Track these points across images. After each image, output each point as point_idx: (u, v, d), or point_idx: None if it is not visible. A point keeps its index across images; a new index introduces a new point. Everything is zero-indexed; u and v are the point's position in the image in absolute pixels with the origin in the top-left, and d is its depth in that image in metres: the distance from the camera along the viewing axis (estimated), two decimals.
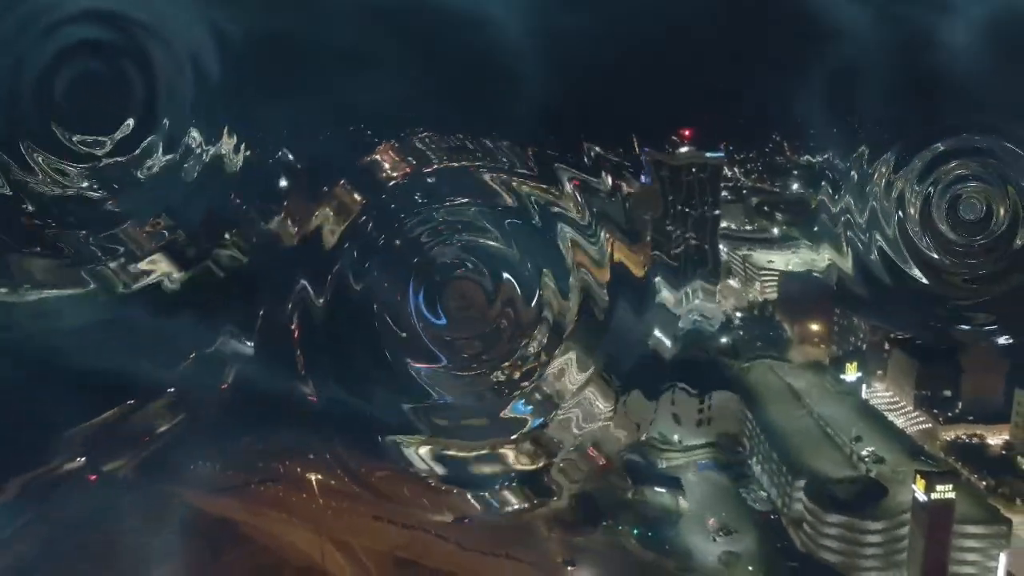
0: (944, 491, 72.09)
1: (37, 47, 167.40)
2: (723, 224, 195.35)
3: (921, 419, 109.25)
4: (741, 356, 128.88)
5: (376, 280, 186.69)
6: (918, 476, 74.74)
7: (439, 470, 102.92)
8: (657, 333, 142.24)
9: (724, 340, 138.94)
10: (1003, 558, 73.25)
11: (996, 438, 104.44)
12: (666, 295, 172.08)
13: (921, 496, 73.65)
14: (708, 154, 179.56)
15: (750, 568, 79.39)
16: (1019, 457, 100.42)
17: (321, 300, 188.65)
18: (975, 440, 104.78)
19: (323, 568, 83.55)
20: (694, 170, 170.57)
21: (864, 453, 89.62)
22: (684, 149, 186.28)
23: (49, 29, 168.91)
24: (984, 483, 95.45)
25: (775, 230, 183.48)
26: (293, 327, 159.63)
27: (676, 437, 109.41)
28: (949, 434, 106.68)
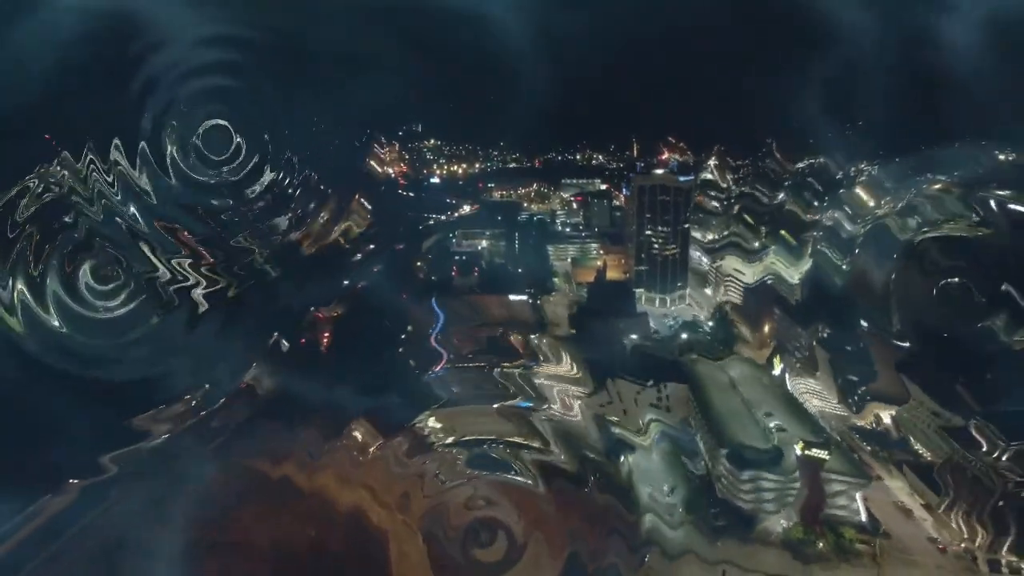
0: (816, 453, 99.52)
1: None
2: (708, 235, 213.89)
3: (836, 404, 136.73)
4: (696, 353, 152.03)
5: (384, 282, 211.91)
6: (802, 443, 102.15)
7: (449, 439, 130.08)
8: (631, 332, 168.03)
9: (684, 338, 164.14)
10: (859, 496, 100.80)
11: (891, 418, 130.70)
12: (642, 299, 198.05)
13: (803, 456, 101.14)
14: (681, 178, 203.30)
15: (681, 510, 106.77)
16: (910, 437, 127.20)
17: (341, 300, 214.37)
18: (873, 422, 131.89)
19: (366, 513, 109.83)
20: (670, 191, 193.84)
21: (771, 425, 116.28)
22: (660, 171, 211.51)
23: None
24: (875, 453, 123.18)
25: (752, 238, 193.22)
26: (320, 326, 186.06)
27: (639, 418, 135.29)
28: (856, 417, 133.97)
